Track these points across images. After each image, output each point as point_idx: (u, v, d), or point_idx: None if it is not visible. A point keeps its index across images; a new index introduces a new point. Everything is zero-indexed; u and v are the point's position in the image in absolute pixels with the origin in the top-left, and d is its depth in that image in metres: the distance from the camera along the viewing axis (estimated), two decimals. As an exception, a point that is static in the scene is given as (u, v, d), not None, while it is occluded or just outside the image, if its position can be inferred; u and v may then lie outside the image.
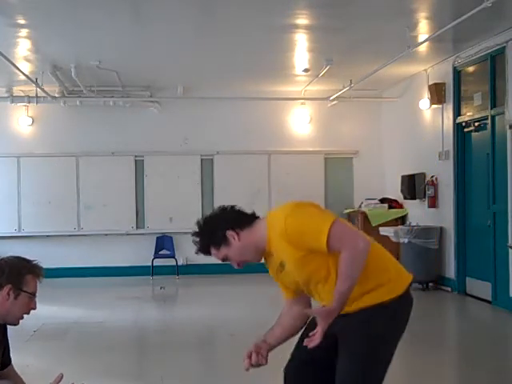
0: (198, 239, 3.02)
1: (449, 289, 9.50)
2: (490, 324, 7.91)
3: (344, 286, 2.71)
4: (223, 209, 3.05)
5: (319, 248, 2.76)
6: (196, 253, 3.07)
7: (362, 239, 2.77)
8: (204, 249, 3.02)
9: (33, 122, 11.56)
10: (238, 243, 2.95)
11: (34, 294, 3.07)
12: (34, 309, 3.11)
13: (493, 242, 8.34)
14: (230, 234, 2.95)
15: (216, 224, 2.99)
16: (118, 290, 10.29)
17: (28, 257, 3.15)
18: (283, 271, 3.00)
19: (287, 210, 2.89)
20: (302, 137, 12.16)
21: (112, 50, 8.86)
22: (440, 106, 9.71)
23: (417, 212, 10.61)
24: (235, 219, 2.98)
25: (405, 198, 10.91)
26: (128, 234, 11.72)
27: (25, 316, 3.11)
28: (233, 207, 3.05)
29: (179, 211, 11.73)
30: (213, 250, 3.00)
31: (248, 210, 3.07)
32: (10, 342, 3.26)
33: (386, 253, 3.01)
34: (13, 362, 3.31)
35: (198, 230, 3.04)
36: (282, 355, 3.11)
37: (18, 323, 3.12)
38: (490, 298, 8.39)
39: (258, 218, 3.02)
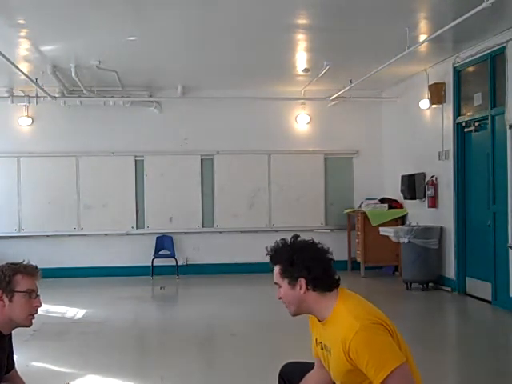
0: (277, 248, 2.90)
1: (449, 289, 9.49)
2: (490, 324, 7.91)
3: None
4: (320, 248, 2.89)
5: (372, 379, 2.68)
6: (267, 254, 2.95)
7: None
8: (272, 260, 2.93)
9: (33, 121, 11.55)
10: (299, 294, 2.85)
11: (30, 292, 3.05)
12: (39, 306, 3.10)
13: (493, 242, 8.34)
14: (301, 282, 2.84)
15: (300, 260, 2.84)
16: (118, 290, 10.29)
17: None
18: (324, 351, 2.93)
19: (363, 321, 2.71)
20: (302, 137, 12.15)
21: (112, 50, 8.85)
22: (440, 106, 9.71)
23: (417, 212, 10.60)
24: (316, 277, 2.83)
25: (405, 197, 10.91)
26: (128, 234, 11.71)
27: (35, 315, 3.10)
28: (328, 259, 2.89)
29: (179, 211, 11.75)
30: (277, 270, 2.90)
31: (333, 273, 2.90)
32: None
33: None
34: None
35: (286, 242, 2.91)
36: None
37: (29, 323, 3.11)
38: (490, 298, 8.40)
39: (336, 287, 2.89)
